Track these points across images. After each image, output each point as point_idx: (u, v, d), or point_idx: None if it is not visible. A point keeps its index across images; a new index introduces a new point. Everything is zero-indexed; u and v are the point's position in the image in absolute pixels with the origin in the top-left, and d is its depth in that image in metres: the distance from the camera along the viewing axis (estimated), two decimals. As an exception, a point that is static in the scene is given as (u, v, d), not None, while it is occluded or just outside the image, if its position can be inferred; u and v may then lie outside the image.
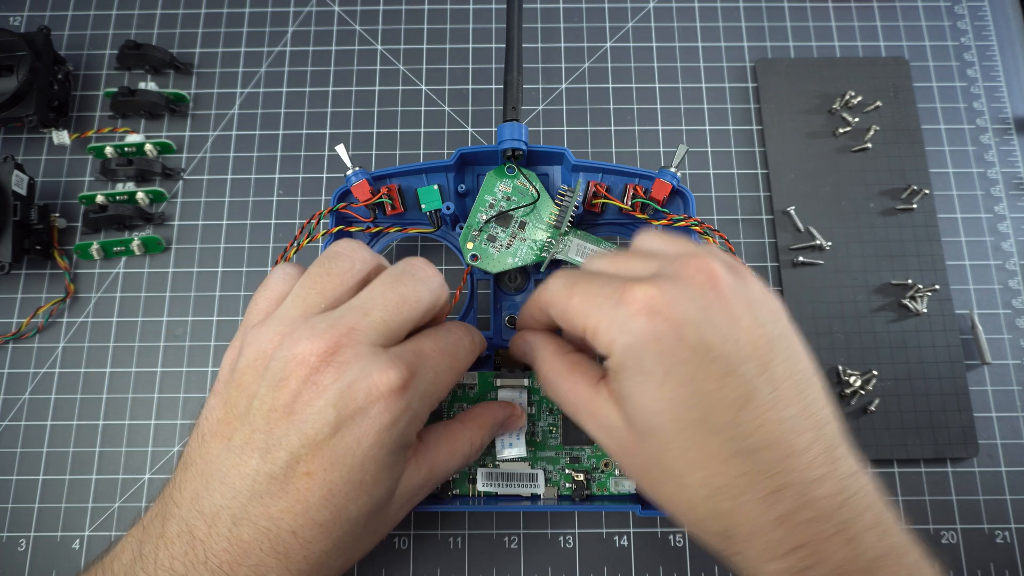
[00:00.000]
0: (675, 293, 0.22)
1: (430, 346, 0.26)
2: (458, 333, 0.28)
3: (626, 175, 0.34)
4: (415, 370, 0.24)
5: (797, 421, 0.22)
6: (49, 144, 0.42)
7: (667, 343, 0.22)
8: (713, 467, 0.22)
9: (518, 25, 0.34)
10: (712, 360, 0.22)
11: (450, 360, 0.26)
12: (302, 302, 0.25)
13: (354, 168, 0.33)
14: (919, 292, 0.38)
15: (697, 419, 0.22)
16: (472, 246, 0.34)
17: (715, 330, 0.22)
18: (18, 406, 0.38)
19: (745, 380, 0.22)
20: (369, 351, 0.23)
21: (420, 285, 0.26)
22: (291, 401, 0.23)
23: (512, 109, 0.33)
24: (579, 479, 0.33)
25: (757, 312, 0.23)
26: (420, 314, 0.26)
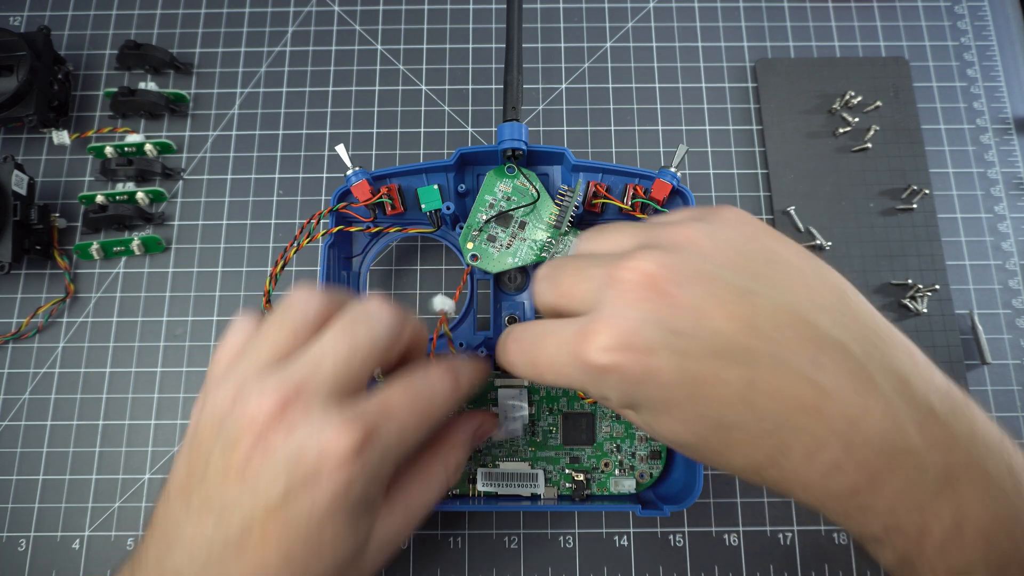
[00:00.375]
0: (623, 328, 0.21)
1: (399, 395, 0.24)
2: (435, 376, 0.26)
3: (626, 175, 0.34)
4: (374, 428, 0.22)
5: (814, 365, 0.20)
6: (49, 144, 0.42)
7: (648, 383, 0.21)
8: (748, 452, 0.21)
9: (518, 25, 0.34)
10: (697, 370, 0.20)
11: (421, 409, 0.24)
12: (255, 357, 0.24)
13: (354, 168, 0.33)
14: (919, 292, 0.38)
15: (715, 425, 0.21)
16: (472, 246, 0.34)
17: (683, 339, 0.20)
18: (18, 406, 0.38)
19: (739, 363, 0.20)
20: (320, 408, 0.22)
21: (373, 329, 0.24)
22: (243, 464, 0.22)
23: (512, 109, 0.33)
24: (579, 479, 0.33)
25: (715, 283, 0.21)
26: (377, 357, 0.24)
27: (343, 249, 0.36)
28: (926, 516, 0.19)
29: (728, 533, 0.36)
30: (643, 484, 0.34)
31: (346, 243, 0.37)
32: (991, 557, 0.19)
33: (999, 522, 0.19)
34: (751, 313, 0.20)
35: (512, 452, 0.34)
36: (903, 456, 0.19)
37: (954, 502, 0.19)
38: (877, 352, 0.20)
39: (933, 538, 0.19)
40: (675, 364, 0.20)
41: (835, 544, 0.35)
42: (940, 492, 0.19)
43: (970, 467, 0.20)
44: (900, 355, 0.21)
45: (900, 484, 0.19)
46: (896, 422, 0.20)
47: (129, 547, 0.35)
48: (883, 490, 0.20)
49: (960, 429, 0.20)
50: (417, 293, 0.39)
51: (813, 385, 0.20)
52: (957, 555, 0.19)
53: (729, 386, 0.20)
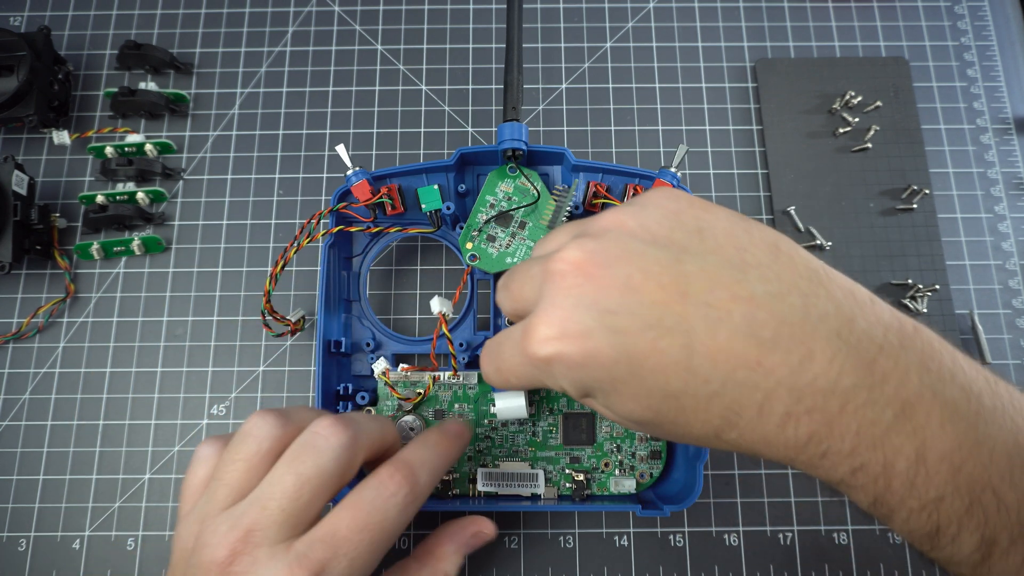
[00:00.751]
0: (558, 317, 0.21)
1: (347, 524, 0.23)
2: (388, 490, 0.25)
3: (626, 175, 0.34)
4: (321, 569, 0.22)
5: (750, 321, 0.20)
6: (49, 144, 0.42)
7: (589, 365, 0.21)
8: (701, 416, 0.21)
9: (518, 25, 0.34)
10: (634, 343, 0.20)
11: (372, 535, 0.24)
12: (212, 497, 0.24)
13: (354, 168, 0.33)
14: (919, 292, 0.38)
15: (662, 395, 0.21)
16: (471, 246, 0.34)
17: (616, 316, 0.20)
18: (18, 406, 0.38)
19: (673, 331, 0.20)
20: (268, 555, 0.22)
21: (320, 457, 0.24)
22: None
23: (512, 109, 0.33)
24: (579, 479, 0.33)
25: (642, 258, 0.21)
26: (328, 487, 0.24)
27: (343, 249, 0.36)
28: (887, 452, 0.19)
29: (728, 533, 0.36)
30: (643, 484, 0.34)
31: (346, 243, 0.37)
32: (960, 483, 0.19)
33: (963, 448, 0.19)
34: (681, 280, 0.21)
35: (512, 452, 0.34)
36: (854, 395, 0.19)
37: (913, 434, 0.19)
38: (816, 298, 0.20)
39: (899, 473, 0.19)
40: (611, 342, 0.20)
41: (835, 544, 0.35)
42: (897, 426, 0.19)
43: (924, 397, 0.19)
44: (841, 296, 0.21)
45: (856, 424, 0.19)
46: (841, 363, 0.19)
47: (129, 547, 0.36)
48: (841, 432, 0.19)
49: (910, 360, 0.20)
50: (417, 293, 0.39)
51: (751, 340, 0.20)
52: (925, 487, 0.19)
53: (667, 355, 0.20)
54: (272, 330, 0.36)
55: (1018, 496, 0.19)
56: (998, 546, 0.19)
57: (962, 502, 0.19)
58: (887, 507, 0.20)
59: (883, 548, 0.35)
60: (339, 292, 0.35)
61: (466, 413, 0.34)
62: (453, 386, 0.34)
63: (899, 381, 0.19)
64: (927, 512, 0.19)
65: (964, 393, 0.20)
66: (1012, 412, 0.20)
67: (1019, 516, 0.19)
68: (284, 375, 0.38)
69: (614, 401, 0.22)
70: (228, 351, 0.38)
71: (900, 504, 0.20)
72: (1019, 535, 0.19)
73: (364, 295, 0.37)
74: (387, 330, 0.36)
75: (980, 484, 0.19)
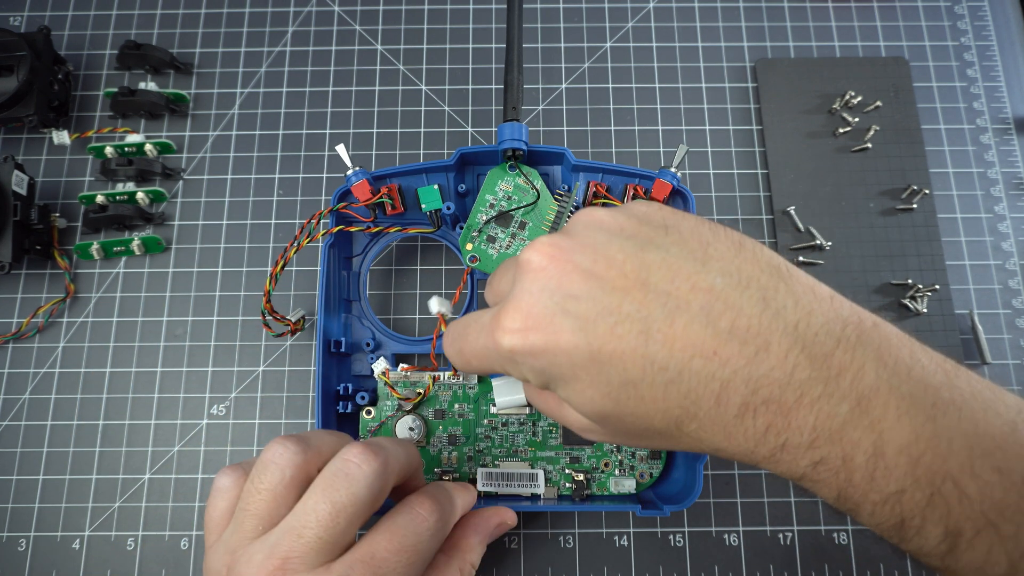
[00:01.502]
0: (525, 303, 0.22)
1: (384, 547, 0.24)
2: (420, 516, 0.26)
3: (626, 175, 0.34)
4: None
5: (707, 312, 0.20)
6: (49, 144, 0.42)
7: (551, 350, 0.21)
8: (660, 406, 0.21)
9: (518, 25, 0.34)
10: (593, 329, 0.21)
11: (408, 556, 0.24)
12: (240, 527, 0.24)
13: (354, 168, 0.33)
14: (919, 292, 0.38)
15: (621, 382, 0.21)
16: (472, 247, 0.34)
17: (578, 302, 0.21)
18: (18, 406, 0.38)
19: (631, 317, 0.21)
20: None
21: (354, 485, 0.24)
22: None
23: (512, 109, 0.33)
24: (579, 479, 0.33)
25: (608, 248, 0.22)
26: (362, 514, 0.24)
27: (343, 249, 0.36)
28: (845, 446, 0.19)
29: (728, 533, 0.36)
30: (643, 484, 0.34)
31: (346, 243, 0.37)
32: (920, 476, 0.19)
33: (921, 440, 0.19)
34: (642, 269, 0.21)
35: (512, 452, 0.34)
36: (809, 388, 0.20)
37: (870, 427, 0.19)
38: (775, 292, 0.21)
39: (858, 467, 0.19)
40: (572, 327, 0.21)
41: (835, 544, 0.35)
42: (854, 420, 0.19)
43: (880, 391, 0.19)
44: (801, 291, 0.21)
45: (813, 417, 0.20)
46: (796, 356, 0.20)
47: (129, 547, 0.36)
48: (799, 425, 0.20)
49: (867, 355, 0.20)
50: (417, 293, 0.39)
51: (708, 329, 0.20)
52: (885, 480, 0.19)
53: (624, 341, 0.20)
54: (272, 330, 0.36)
55: (979, 486, 0.19)
56: (963, 536, 0.19)
57: (923, 494, 0.19)
58: (851, 501, 0.20)
59: (883, 548, 0.35)
60: (339, 292, 0.35)
61: (466, 413, 0.34)
62: (453, 386, 0.34)
63: (855, 375, 0.20)
64: (889, 505, 0.20)
65: (921, 386, 0.20)
66: (972, 403, 0.20)
67: (981, 506, 0.19)
68: (284, 375, 0.38)
69: (576, 391, 0.22)
70: (228, 351, 0.38)
71: (863, 498, 0.20)
72: (983, 525, 0.19)
73: (364, 295, 0.37)
74: (387, 330, 0.36)
75: (940, 475, 0.19)
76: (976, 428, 0.19)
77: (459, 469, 0.34)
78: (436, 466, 0.34)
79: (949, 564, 0.20)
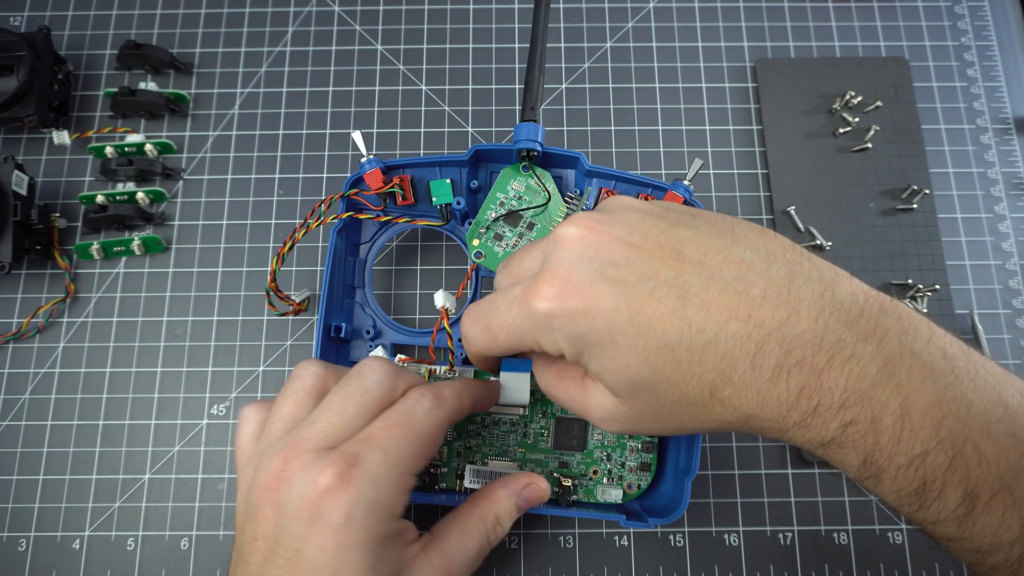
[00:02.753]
0: (563, 270, 0.23)
1: (378, 426, 0.25)
2: (412, 398, 0.26)
3: (639, 184, 0.34)
4: (355, 459, 0.24)
5: (740, 280, 0.22)
6: (49, 144, 0.42)
7: (589, 313, 0.22)
8: (696, 370, 0.22)
9: (544, 25, 0.33)
10: (632, 293, 0.22)
11: (403, 430, 0.25)
12: (269, 432, 0.26)
13: (369, 156, 0.33)
14: (919, 292, 0.38)
15: (658, 345, 0.22)
16: (478, 243, 0.34)
17: (617, 268, 0.22)
18: (18, 406, 0.38)
19: (669, 283, 0.22)
20: (312, 458, 0.24)
21: (364, 379, 0.26)
22: (265, 528, 0.24)
23: (531, 110, 0.33)
24: (566, 484, 0.33)
25: (642, 223, 0.23)
26: (370, 408, 0.26)
27: (352, 236, 0.36)
28: (875, 406, 0.21)
29: (728, 533, 0.36)
30: (630, 495, 0.33)
31: (355, 230, 0.37)
32: (943, 437, 0.20)
33: (943, 404, 0.20)
34: (676, 242, 0.23)
35: (502, 451, 0.34)
36: (839, 350, 0.21)
37: (897, 388, 0.20)
38: (800, 266, 0.23)
39: (886, 428, 0.20)
40: (611, 290, 0.22)
41: (835, 544, 0.35)
42: (882, 382, 0.20)
43: (903, 355, 0.21)
44: (824, 267, 0.23)
45: (844, 378, 0.21)
46: (827, 321, 0.21)
47: (129, 547, 0.36)
48: (830, 385, 0.21)
49: (889, 323, 0.21)
50: (417, 293, 0.39)
51: (742, 295, 0.21)
52: (911, 441, 0.20)
53: (663, 303, 0.22)
54: (276, 309, 0.36)
55: (996, 450, 0.20)
56: (980, 499, 0.20)
57: (945, 456, 0.20)
58: (876, 466, 0.21)
59: (883, 548, 0.35)
60: (344, 278, 0.36)
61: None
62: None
63: (880, 340, 0.21)
64: (914, 467, 0.21)
65: (941, 354, 0.21)
66: (985, 375, 0.21)
67: (998, 469, 0.20)
68: (284, 375, 0.38)
69: (611, 357, 0.22)
70: (228, 351, 0.38)
71: (888, 461, 0.21)
72: (999, 488, 0.20)
73: (368, 282, 0.37)
74: (388, 319, 0.36)
75: (961, 438, 0.20)
76: (991, 395, 0.21)
77: (447, 463, 0.34)
78: None
79: (964, 529, 0.21)
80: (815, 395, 0.21)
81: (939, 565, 0.35)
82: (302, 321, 0.39)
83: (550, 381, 0.27)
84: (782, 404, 0.21)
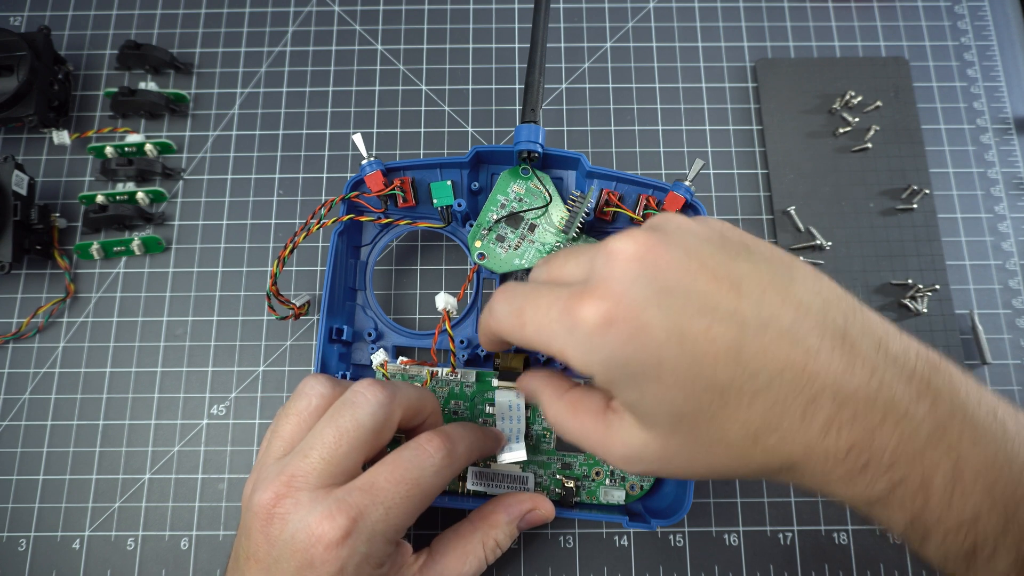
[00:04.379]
0: (616, 289, 0.21)
1: (384, 477, 0.25)
2: (425, 452, 0.26)
3: (640, 185, 0.34)
4: (359, 513, 0.24)
5: (796, 327, 0.21)
6: (49, 144, 0.42)
7: (638, 340, 0.21)
8: (743, 415, 0.21)
9: (544, 26, 0.33)
10: (687, 325, 0.20)
11: (408, 488, 0.25)
12: (268, 449, 0.27)
13: (370, 158, 0.33)
14: (919, 292, 0.38)
15: (707, 385, 0.21)
16: (480, 244, 0.34)
17: (673, 297, 0.21)
18: (18, 406, 0.38)
19: (726, 320, 0.21)
20: (309, 499, 0.24)
21: (358, 411, 0.25)
22: (258, 551, 0.24)
23: (531, 111, 0.33)
24: (569, 486, 0.33)
25: (700, 251, 0.22)
26: (365, 441, 0.25)
27: (353, 238, 0.36)
28: (926, 467, 0.20)
29: (728, 533, 0.36)
30: (633, 496, 0.33)
31: (356, 232, 0.37)
32: (996, 500, 0.20)
33: (995, 466, 0.20)
34: (735, 276, 0.21)
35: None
36: (893, 409, 0.20)
37: (949, 450, 0.20)
38: (854, 318, 0.22)
39: (936, 489, 0.20)
40: (665, 320, 0.21)
41: (835, 544, 0.35)
42: (934, 442, 0.20)
43: (955, 415, 0.20)
44: (876, 320, 0.22)
45: (896, 437, 0.20)
46: (881, 377, 0.20)
47: (129, 547, 0.36)
48: (881, 444, 0.20)
49: (941, 382, 0.21)
50: (417, 293, 0.39)
51: (799, 345, 0.20)
52: (962, 503, 0.20)
53: (718, 342, 0.20)
54: (276, 313, 0.36)
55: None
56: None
57: (999, 520, 0.20)
58: (923, 528, 0.21)
59: (883, 548, 0.35)
60: (345, 280, 0.36)
61: (462, 411, 0.34)
62: (451, 383, 0.34)
63: (933, 399, 0.20)
64: (964, 531, 0.20)
65: (992, 415, 0.21)
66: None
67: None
68: (284, 375, 0.38)
69: (654, 391, 0.21)
70: (228, 351, 0.38)
71: (937, 524, 0.20)
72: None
73: (369, 285, 0.37)
74: (390, 321, 0.36)
75: (1014, 501, 0.19)
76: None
77: None
78: None
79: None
80: (865, 452, 0.20)
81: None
82: (302, 321, 0.39)
83: (562, 415, 0.26)
84: (829, 458, 0.21)
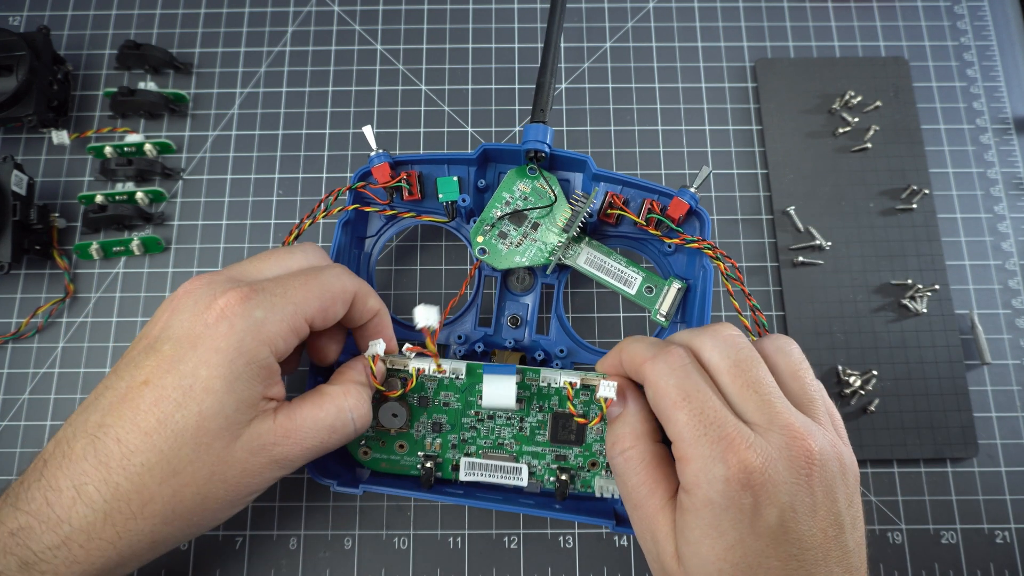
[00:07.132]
0: (772, 470, 0.23)
1: (288, 276, 0.28)
2: (330, 270, 0.29)
3: (645, 190, 0.34)
4: (258, 288, 0.26)
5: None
6: (49, 144, 0.42)
7: (748, 515, 0.23)
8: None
9: (559, 27, 0.33)
10: (783, 543, 0.23)
11: (303, 278, 0.28)
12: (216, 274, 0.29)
13: (378, 150, 0.33)
14: (919, 292, 0.38)
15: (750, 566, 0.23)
16: (482, 239, 0.34)
17: (795, 518, 0.23)
18: (18, 406, 0.38)
19: (805, 566, 0.23)
20: (223, 282, 0.26)
21: (294, 252, 0.30)
22: (155, 331, 0.26)
23: (540, 111, 0.33)
24: (563, 478, 0.33)
25: (835, 500, 0.24)
26: (287, 267, 0.29)
27: (357, 229, 0.36)
28: None
29: (728, 533, 0.36)
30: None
31: (361, 223, 0.37)
32: None
33: None
34: (834, 538, 0.24)
35: (498, 445, 0.34)
36: None
37: None
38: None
39: None
40: (777, 522, 0.23)
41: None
42: None
43: None
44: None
45: None
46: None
47: (129, 547, 0.35)
48: None
49: None
50: (417, 293, 0.39)
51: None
52: None
53: (771, 572, 0.23)
54: None
55: None
56: None
57: None
58: None
59: (883, 548, 0.35)
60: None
61: (452, 402, 0.34)
62: (439, 378, 0.34)
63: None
64: None
65: None
66: None
67: None
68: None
69: (711, 534, 0.23)
70: (228, 351, 0.38)
71: None
72: None
73: (373, 276, 0.37)
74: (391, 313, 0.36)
75: None
76: None
77: (442, 455, 0.34)
78: (420, 450, 0.34)
79: None
80: None
81: (939, 565, 0.35)
82: (302, 321, 0.39)
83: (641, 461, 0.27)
84: None
